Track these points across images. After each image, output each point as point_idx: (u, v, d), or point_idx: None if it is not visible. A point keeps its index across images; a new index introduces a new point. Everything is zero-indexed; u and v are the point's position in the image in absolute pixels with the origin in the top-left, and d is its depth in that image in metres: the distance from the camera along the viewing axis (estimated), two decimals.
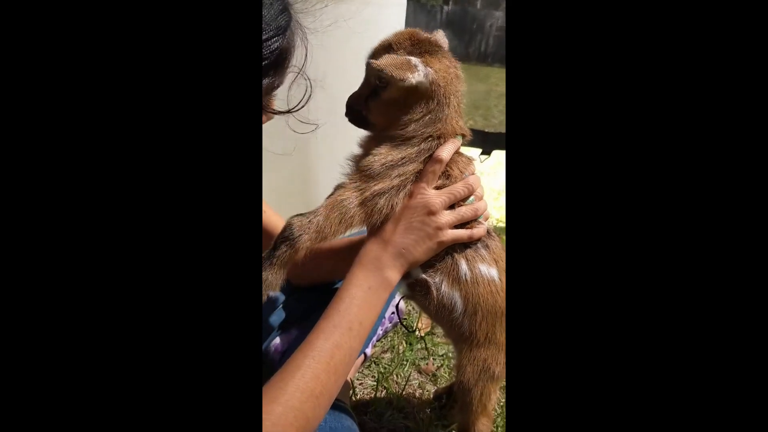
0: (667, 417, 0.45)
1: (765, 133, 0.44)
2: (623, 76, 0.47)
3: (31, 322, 0.43)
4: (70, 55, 0.44)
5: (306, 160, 1.63)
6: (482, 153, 2.51)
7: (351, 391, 1.28)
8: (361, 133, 0.88)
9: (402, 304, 1.67)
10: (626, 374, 0.46)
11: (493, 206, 2.74)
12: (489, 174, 3.37)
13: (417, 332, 1.58)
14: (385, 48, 0.82)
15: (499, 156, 2.96)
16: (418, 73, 0.77)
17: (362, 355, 1.39)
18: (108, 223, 0.45)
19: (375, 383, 1.35)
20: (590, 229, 0.48)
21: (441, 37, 0.88)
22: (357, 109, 0.85)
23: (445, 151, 0.80)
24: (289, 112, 0.72)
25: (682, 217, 0.46)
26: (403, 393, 1.32)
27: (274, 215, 1.03)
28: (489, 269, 0.85)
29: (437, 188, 0.82)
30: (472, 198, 0.84)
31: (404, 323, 1.58)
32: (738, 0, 0.45)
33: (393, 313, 1.58)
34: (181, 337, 0.46)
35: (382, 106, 0.82)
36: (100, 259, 0.45)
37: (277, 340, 1.18)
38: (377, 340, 1.54)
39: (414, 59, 0.78)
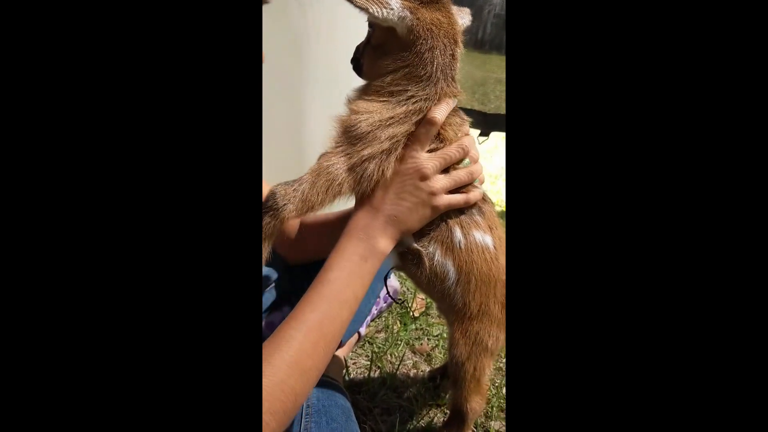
0: (674, 406, 0.43)
1: (765, 132, 0.42)
2: (624, 68, 0.45)
3: (24, 309, 0.41)
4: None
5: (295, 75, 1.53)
6: (481, 134, 2.48)
7: (344, 370, 1.26)
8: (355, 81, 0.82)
9: (396, 282, 1.65)
10: (629, 365, 0.44)
11: (491, 190, 2.72)
12: (486, 157, 3.34)
13: (411, 313, 1.56)
14: None
15: (495, 138, 2.94)
16: (387, 10, 0.69)
17: (356, 335, 1.37)
18: (95, 190, 0.42)
19: (369, 362, 1.33)
20: (594, 214, 0.45)
21: (464, 13, 0.80)
22: (357, 57, 0.80)
23: (439, 112, 0.74)
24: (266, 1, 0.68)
25: (684, 206, 0.43)
26: (397, 372, 1.30)
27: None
28: (483, 236, 0.81)
29: (430, 151, 0.76)
30: (467, 161, 0.79)
31: (398, 300, 1.56)
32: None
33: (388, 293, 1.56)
34: (179, 312, 0.43)
35: (370, 51, 0.77)
36: (88, 235, 0.42)
37: (270, 317, 1.15)
38: (371, 320, 1.52)
39: None
